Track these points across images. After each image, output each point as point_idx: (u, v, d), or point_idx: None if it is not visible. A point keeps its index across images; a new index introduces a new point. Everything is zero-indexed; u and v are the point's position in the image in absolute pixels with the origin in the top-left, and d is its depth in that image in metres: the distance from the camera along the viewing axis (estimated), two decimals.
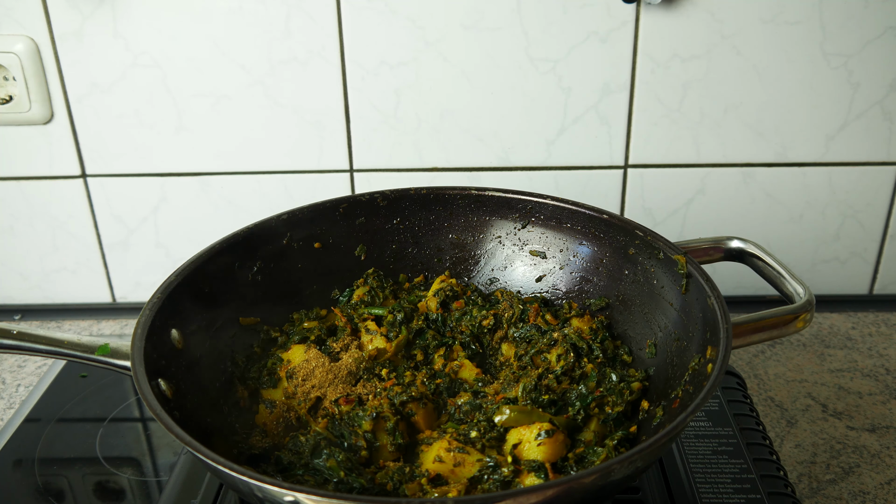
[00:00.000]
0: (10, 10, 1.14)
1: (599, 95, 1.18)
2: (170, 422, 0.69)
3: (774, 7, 1.12)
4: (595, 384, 0.89)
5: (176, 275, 0.88)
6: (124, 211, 1.28)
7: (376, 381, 0.90)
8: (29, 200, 1.27)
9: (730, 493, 0.88)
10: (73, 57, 1.17)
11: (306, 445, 0.81)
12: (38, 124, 1.21)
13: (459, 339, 0.97)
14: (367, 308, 1.00)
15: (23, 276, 1.34)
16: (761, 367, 1.19)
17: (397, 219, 1.05)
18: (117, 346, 0.83)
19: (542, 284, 1.03)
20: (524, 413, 0.83)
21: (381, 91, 1.19)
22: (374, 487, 0.77)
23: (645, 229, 0.93)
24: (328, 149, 1.23)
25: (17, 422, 1.06)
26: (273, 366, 0.93)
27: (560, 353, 0.91)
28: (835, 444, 1.03)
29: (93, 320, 1.35)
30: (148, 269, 1.32)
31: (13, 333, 0.84)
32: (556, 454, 0.80)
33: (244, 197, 1.27)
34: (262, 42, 1.16)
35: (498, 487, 0.77)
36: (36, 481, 0.96)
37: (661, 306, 0.91)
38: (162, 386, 0.78)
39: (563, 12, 1.13)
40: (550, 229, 1.02)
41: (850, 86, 1.17)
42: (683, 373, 0.83)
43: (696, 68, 1.16)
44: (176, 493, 0.92)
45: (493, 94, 1.19)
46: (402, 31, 1.15)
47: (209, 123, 1.21)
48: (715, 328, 0.78)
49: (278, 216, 1.00)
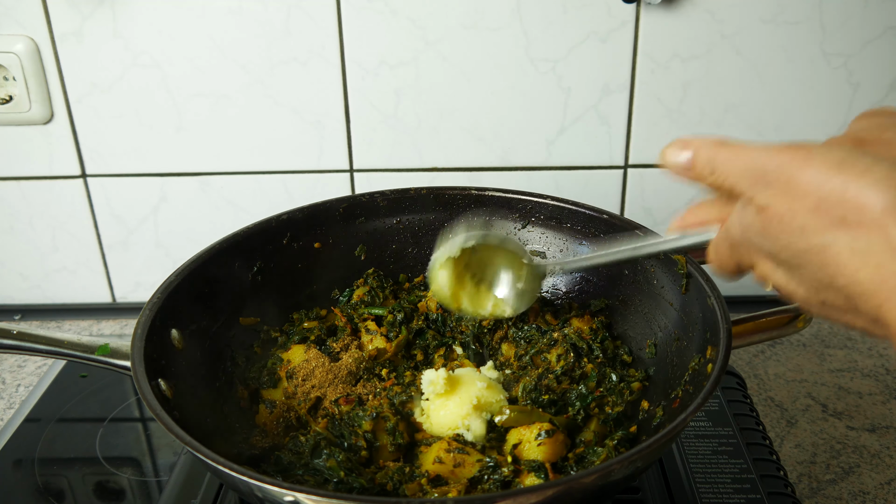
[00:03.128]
0: (10, 10, 1.14)
1: (599, 95, 1.18)
2: (170, 422, 0.69)
3: (774, 7, 1.12)
4: (595, 384, 0.89)
5: (176, 275, 0.88)
6: (124, 211, 1.28)
7: (376, 381, 0.90)
8: (29, 200, 1.27)
9: (730, 493, 0.88)
10: (73, 57, 1.17)
11: (306, 445, 0.81)
12: (38, 124, 1.21)
13: (459, 339, 0.97)
14: (367, 308, 1.00)
15: (23, 276, 1.33)
16: (761, 367, 1.19)
17: (397, 219, 1.05)
18: (117, 346, 0.83)
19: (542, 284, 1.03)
20: (524, 413, 0.83)
21: (381, 91, 1.19)
22: (374, 487, 0.77)
23: (645, 229, 0.93)
24: (328, 149, 1.23)
25: (17, 422, 1.06)
26: (273, 366, 0.93)
27: (560, 353, 0.91)
28: (835, 444, 1.03)
29: (93, 320, 1.35)
30: (148, 269, 1.32)
31: (13, 333, 0.84)
32: (556, 454, 0.80)
33: (244, 197, 1.26)
34: (262, 42, 1.16)
35: (498, 487, 0.77)
36: (36, 481, 0.96)
37: (661, 306, 0.91)
38: (162, 386, 0.78)
39: (563, 12, 1.13)
40: (550, 229, 1.02)
41: (850, 86, 1.17)
42: (683, 373, 0.83)
43: (696, 68, 1.16)
44: (176, 493, 0.92)
45: (493, 94, 1.19)
46: (402, 31, 1.15)
47: (209, 123, 1.21)
48: (715, 328, 0.78)
49: (278, 216, 1.00)
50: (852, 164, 0.50)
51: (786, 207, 0.53)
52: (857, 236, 0.50)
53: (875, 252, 0.49)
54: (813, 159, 0.52)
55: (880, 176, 0.49)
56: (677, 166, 0.61)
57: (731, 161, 0.57)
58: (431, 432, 0.84)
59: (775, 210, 0.54)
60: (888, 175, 0.50)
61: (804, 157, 0.53)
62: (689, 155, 0.60)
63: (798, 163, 0.53)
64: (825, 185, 0.51)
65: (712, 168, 0.58)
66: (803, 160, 0.52)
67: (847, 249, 0.51)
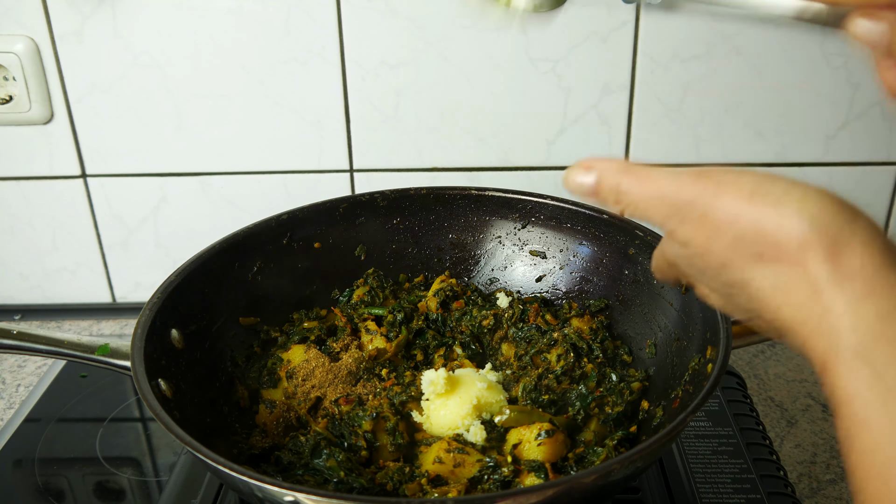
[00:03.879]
0: (10, 10, 1.14)
1: (599, 95, 1.18)
2: (170, 422, 0.69)
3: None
4: (595, 384, 0.89)
5: (176, 275, 0.88)
6: (124, 211, 1.28)
7: (376, 381, 0.90)
8: (29, 200, 1.27)
9: (730, 493, 0.88)
10: (73, 57, 1.17)
11: (306, 445, 0.81)
12: (38, 124, 1.21)
13: (459, 339, 0.97)
14: (367, 308, 1.00)
15: (23, 276, 1.33)
16: (761, 367, 1.19)
17: (397, 219, 1.05)
18: (117, 346, 0.83)
19: (542, 284, 1.03)
20: (524, 413, 0.83)
21: (381, 91, 1.19)
22: (374, 487, 0.77)
23: (645, 229, 0.93)
24: (328, 149, 1.23)
25: (17, 422, 1.06)
26: (273, 366, 0.93)
27: (560, 353, 0.91)
28: (835, 444, 1.03)
29: (93, 320, 1.35)
30: (148, 269, 1.32)
31: (13, 333, 0.84)
32: (556, 454, 0.80)
33: (244, 197, 1.26)
34: (262, 42, 1.16)
35: (498, 487, 0.77)
36: (36, 481, 0.96)
37: (661, 306, 0.91)
38: (162, 386, 0.78)
39: (563, 12, 1.13)
40: (550, 229, 1.02)
41: (850, 86, 1.17)
42: (683, 373, 0.83)
43: (696, 68, 1.16)
44: (176, 493, 0.92)
45: (493, 94, 1.19)
46: (402, 31, 1.15)
47: (209, 123, 1.21)
48: (715, 328, 0.78)
49: (278, 216, 1.00)
50: (765, 194, 0.48)
51: (704, 245, 0.51)
52: (777, 272, 0.48)
53: (795, 289, 0.47)
54: (724, 191, 0.50)
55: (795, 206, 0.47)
56: (580, 191, 0.58)
57: (637, 190, 0.54)
58: (431, 432, 0.84)
59: (696, 247, 0.52)
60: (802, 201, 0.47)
61: (715, 189, 0.50)
62: (592, 180, 0.57)
63: (709, 196, 0.50)
64: (740, 219, 0.49)
65: (617, 197, 0.55)
66: (714, 193, 0.50)
67: (768, 285, 0.49)
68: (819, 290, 0.46)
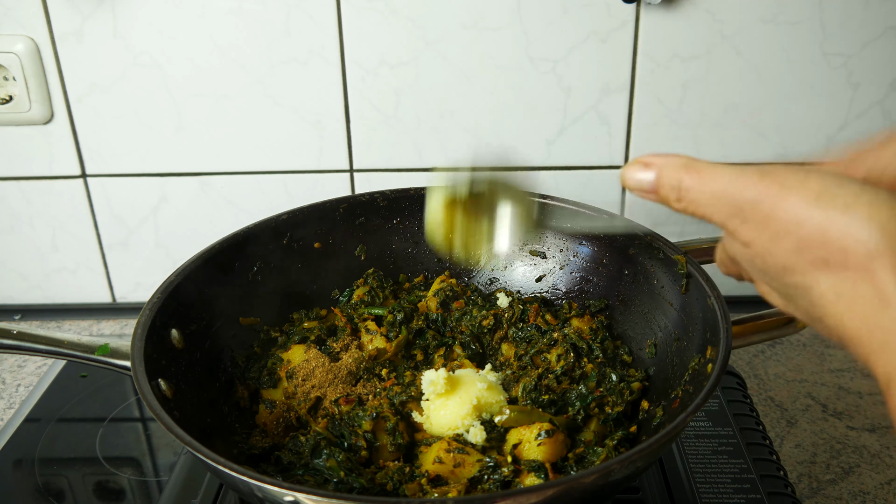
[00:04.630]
0: (10, 10, 1.14)
1: (599, 95, 1.18)
2: (170, 422, 0.69)
3: (774, 7, 1.12)
4: (595, 384, 0.89)
5: (176, 275, 0.88)
6: (124, 211, 1.28)
7: (376, 381, 0.90)
8: (29, 200, 1.27)
9: (730, 493, 0.88)
10: (73, 57, 1.17)
11: (306, 445, 0.81)
12: (38, 124, 1.21)
13: (459, 339, 0.97)
14: (367, 308, 1.00)
15: (23, 276, 1.33)
16: (761, 367, 1.19)
17: (397, 219, 1.05)
18: (117, 346, 0.83)
19: (542, 284, 1.03)
20: (524, 413, 0.83)
21: (381, 91, 1.19)
22: (374, 487, 0.77)
23: (645, 229, 0.93)
24: (328, 149, 1.23)
25: (17, 422, 1.06)
26: (273, 366, 0.93)
27: (560, 353, 0.91)
28: (835, 444, 1.03)
29: (93, 320, 1.35)
30: (148, 269, 1.32)
31: (13, 333, 0.84)
32: (556, 454, 0.80)
33: (244, 197, 1.26)
34: (262, 42, 1.16)
35: (498, 487, 0.77)
36: (36, 481, 0.96)
37: (661, 306, 0.91)
38: (162, 386, 0.78)
39: (563, 12, 1.13)
40: (550, 229, 1.02)
41: (850, 86, 1.17)
42: (683, 373, 0.83)
43: (696, 68, 1.16)
44: (176, 493, 0.92)
45: (493, 94, 1.19)
46: (402, 31, 1.15)
47: (209, 123, 1.21)
48: (715, 328, 0.78)
49: (278, 216, 1.00)
50: (832, 197, 0.46)
51: (766, 247, 0.49)
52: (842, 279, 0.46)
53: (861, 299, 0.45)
54: (789, 192, 0.47)
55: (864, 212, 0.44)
56: (639, 188, 0.55)
57: (699, 189, 0.52)
58: (431, 432, 0.84)
59: (757, 248, 0.50)
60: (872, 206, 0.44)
61: (779, 190, 0.48)
62: (652, 177, 0.54)
63: (773, 197, 0.48)
64: (805, 223, 0.46)
65: (678, 195, 0.53)
66: (778, 194, 0.48)
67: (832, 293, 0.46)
68: (887, 302, 0.44)
